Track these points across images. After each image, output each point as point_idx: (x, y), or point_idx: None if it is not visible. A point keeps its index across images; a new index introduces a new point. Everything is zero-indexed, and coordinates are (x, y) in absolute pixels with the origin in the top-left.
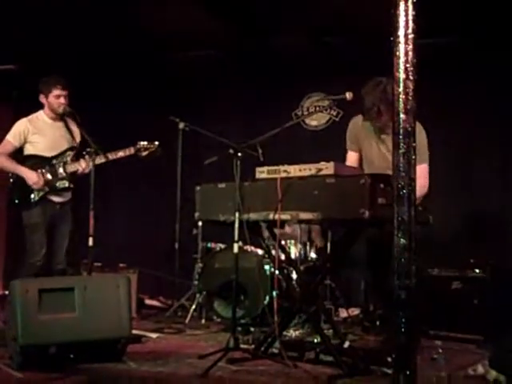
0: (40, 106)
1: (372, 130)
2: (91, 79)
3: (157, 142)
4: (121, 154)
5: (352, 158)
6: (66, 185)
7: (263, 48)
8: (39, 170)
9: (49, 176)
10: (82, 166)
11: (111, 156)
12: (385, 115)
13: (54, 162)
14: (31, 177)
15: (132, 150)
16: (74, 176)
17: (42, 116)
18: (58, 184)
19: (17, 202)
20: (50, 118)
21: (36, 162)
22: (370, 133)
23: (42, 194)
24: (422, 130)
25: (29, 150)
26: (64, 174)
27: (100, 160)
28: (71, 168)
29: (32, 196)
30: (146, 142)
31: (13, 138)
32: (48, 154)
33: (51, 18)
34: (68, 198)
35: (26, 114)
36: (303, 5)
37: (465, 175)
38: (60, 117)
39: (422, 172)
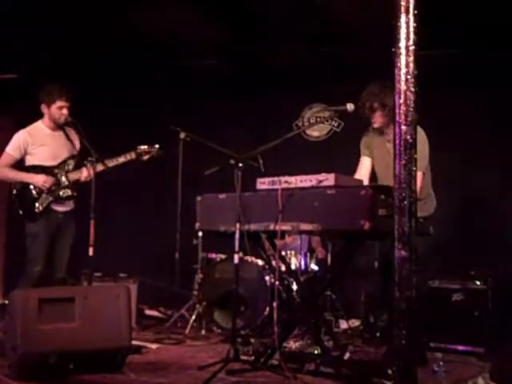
0: (41, 115)
1: (380, 141)
2: (91, 88)
3: (157, 146)
4: (122, 159)
5: (365, 163)
6: (69, 193)
7: (264, 58)
8: None
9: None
10: (84, 174)
11: (113, 162)
12: (377, 115)
13: (56, 171)
14: (39, 179)
15: (133, 155)
16: (76, 184)
17: (40, 126)
18: (61, 193)
19: (21, 212)
20: (49, 128)
21: (38, 172)
22: (379, 144)
23: (45, 203)
24: (424, 139)
25: (30, 160)
26: (67, 183)
27: (102, 167)
28: (73, 176)
29: (36, 205)
30: (146, 146)
31: (13, 150)
32: (49, 163)
33: (52, 26)
34: (71, 207)
35: (28, 125)
36: (304, 14)
37: (465, 186)
38: (59, 126)
39: None
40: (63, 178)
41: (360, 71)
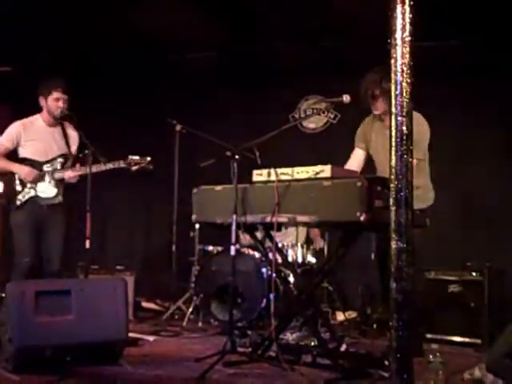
0: (39, 108)
1: (380, 129)
2: (90, 80)
3: (148, 158)
4: (110, 166)
5: (357, 156)
6: (53, 192)
7: (261, 50)
8: None
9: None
10: (70, 175)
11: (99, 167)
12: (380, 101)
13: (45, 167)
14: (22, 170)
15: (122, 164)
16: (61, 183)
17: (37, 120)
18: (44, 189)
19: (6, 203)
20: (46, 123)
21: (26, 165)
22: (378, 132)
23: (27, 197)
24: (423, 123)
25: (22, 153)
26: (51, 181)
27: (87, 170)
28: (58, 175)
29: (19, 197)
30: (137, 157)
31: (6, 141)
32: (39, 158)
33: (50, 19)
34: (57, 200)
35: (25, 116)
36: (302, 7)
37: (463, 177)
38: (57, 121)
39: None
40: (49, 176)
41: (357, 64)
